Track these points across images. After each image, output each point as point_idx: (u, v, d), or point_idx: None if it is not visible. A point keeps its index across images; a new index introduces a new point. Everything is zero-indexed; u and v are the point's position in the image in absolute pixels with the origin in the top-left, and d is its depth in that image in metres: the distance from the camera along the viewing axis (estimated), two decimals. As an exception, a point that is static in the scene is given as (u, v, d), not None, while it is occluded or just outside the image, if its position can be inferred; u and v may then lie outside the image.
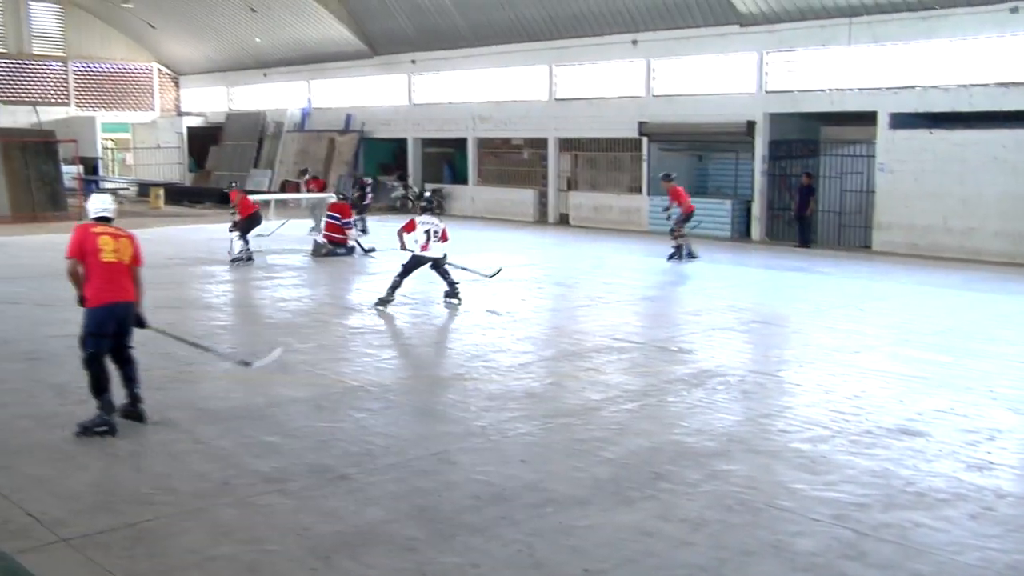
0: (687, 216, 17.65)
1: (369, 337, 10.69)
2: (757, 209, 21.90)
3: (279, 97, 35.09)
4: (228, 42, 35.59)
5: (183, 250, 18.45)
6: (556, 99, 26.03)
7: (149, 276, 7.13)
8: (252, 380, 8.55)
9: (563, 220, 25.96)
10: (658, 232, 21.84)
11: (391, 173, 30.91)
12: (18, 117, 35.25)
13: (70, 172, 28.61)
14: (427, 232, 12.54)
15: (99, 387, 6.90)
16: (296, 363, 9.29)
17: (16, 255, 16.63)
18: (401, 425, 7.29)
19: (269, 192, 30.22)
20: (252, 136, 34.79)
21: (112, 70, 39.05)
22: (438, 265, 12.70)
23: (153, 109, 40.08)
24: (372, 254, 17.68)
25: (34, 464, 6.27)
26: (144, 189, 33.22)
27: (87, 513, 5.42)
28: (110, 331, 6.90)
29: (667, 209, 18.18)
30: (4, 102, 35.88)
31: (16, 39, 36.42)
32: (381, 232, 19.96)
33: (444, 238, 12.67)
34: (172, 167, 36.50)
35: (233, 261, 16.40)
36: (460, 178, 29.65)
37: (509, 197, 27.34)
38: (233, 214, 17.01)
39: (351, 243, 17.84)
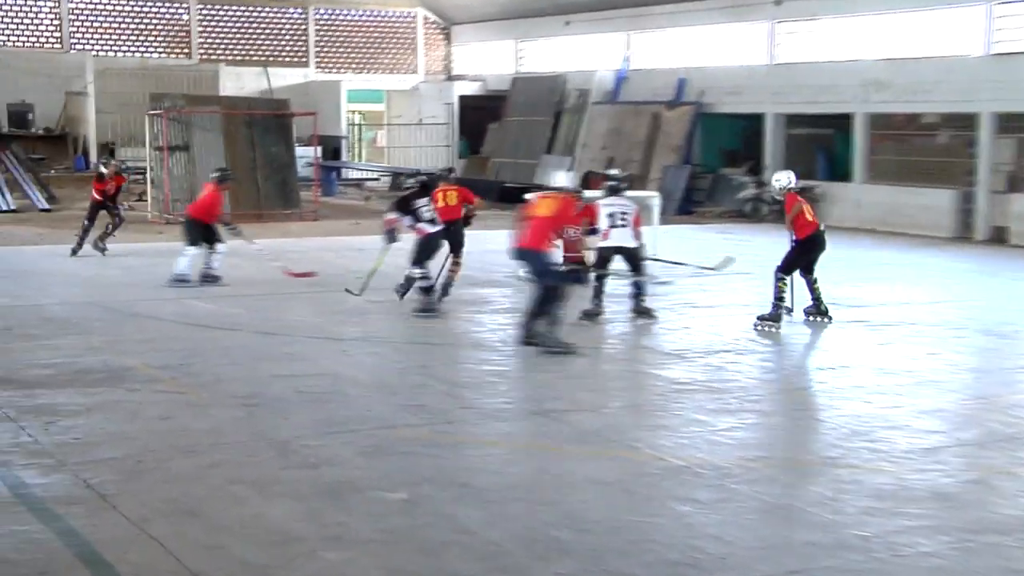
0: None
1: (700, 396, 10.78)
2: None
3: (585, 55, 36.13)
4: (518, -23, 37.24)
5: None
6: (992, 53, 24.98)
7: (392, 297, 7.47)
8: (536, 449, 8.88)
9: (998, 236, 24.83)
10: None
11: (738, 164, 30.96)
12: (245, 82, 38.57)
13: (306, 156, 30.99)
14: (611, 216, 14.26)
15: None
16: (597, 429, 9.58)
17: (236, 264, 18.30)
18: (743, 527, 7.29)
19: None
20: (546, 109, 36.00)
21: (364, 18, 41.76)
22: (632, 258, 14.43)
23: (415, 71, 42.41)
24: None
25: (248, 547, 6.84)
26: (399, 181, 35.05)
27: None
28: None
29: None
30: (229, 61, 39.33)
31: (246, -21, 39.90)
32: (713, 247, 20.03)
33: (637, 224, 14.44)
34: (437, 151, 38.45)
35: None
36: (840, 172, 29.13)
37: (914, 201, 26.52)
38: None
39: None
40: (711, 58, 31.89)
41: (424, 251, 14.89)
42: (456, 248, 15.84)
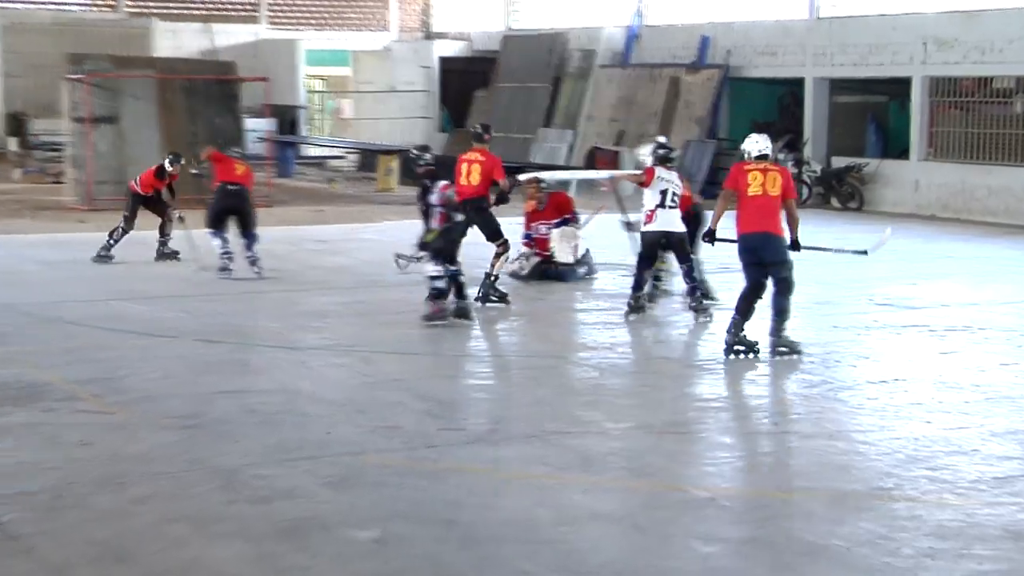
0: None
1: (727, 415, 10.81)
2: None
3: (590, 8, 36.16)
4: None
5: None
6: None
7: (360, 298, 7.52)
8: (532, 478, 8.88)
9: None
10: None
11: (773, 138, 30.89)
12: (183, 40, 38.57)
13: (257, 129, 30.96)
14: (662, 192, 14.27)
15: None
16: (605, 454, 9.58)
17: (179, 261, 18.29)
18: (778, 571, 7.29)
19: (569, 167, 31.17)
20: (543, 74, 36.05)
21: (326, -36, 41.96)
22: (679, 246, 14.45)
23: (387, 28, 42.39)
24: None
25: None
26: (369, 159, 35.05)
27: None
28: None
29: None
30: (164, 15, 39.28)
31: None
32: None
33: (687, 204, 14.79)
34: (414, 124, 38.43)
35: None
36: (894, 148, 29.16)
37: (984, 182, 26.58)
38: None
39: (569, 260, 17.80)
40: (740, 11, 31.95)
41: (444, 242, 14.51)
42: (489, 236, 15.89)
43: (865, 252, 14.82)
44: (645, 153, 14.99)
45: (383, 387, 11.81)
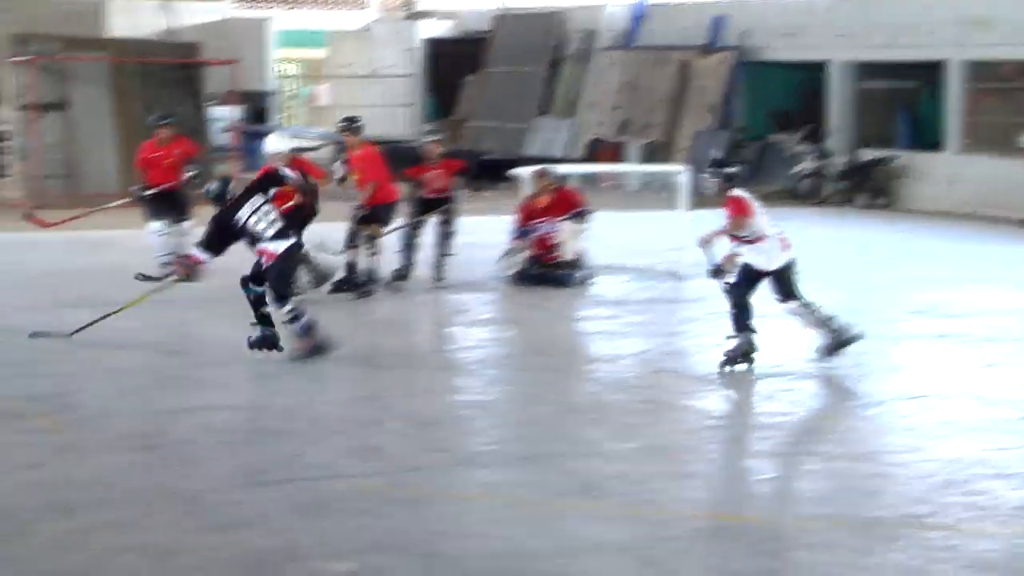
0: None
1: (738, 435, 10.83)
2: None
3: (590, -16, 36.20)
4: None
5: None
6: None
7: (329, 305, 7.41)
8: (527, 505, 8.87)
9: None
10: None
11: (793, 129, 30.97)
12: (140, 20, 38.37)
13: (222, 118, 30.91)
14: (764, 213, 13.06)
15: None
16: (607, 478, 9.56)
17: (132, 264, 18.27)
18: (801, 608, 7.31)
19: (567, 160, 31.12)
20: (540, 57, 36.05)
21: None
22: (782, 278, 12.77)
23: (366, 6, 42.38)
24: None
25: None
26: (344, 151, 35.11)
27: None
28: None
29: None
30: (118, -9, 39.28)
31: None
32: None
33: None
34: (395, 112, 38.43)
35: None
36: (927, 139, 29.20)
37: (1027, 177, 26.60)
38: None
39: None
40: (758, -12, 32.01)
41: None
42: None
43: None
44: (709, 180, 13.83)
45: (359, 404, 11.83)
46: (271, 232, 12.76)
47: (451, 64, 38.44)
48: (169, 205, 17.36)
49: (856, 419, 11.77)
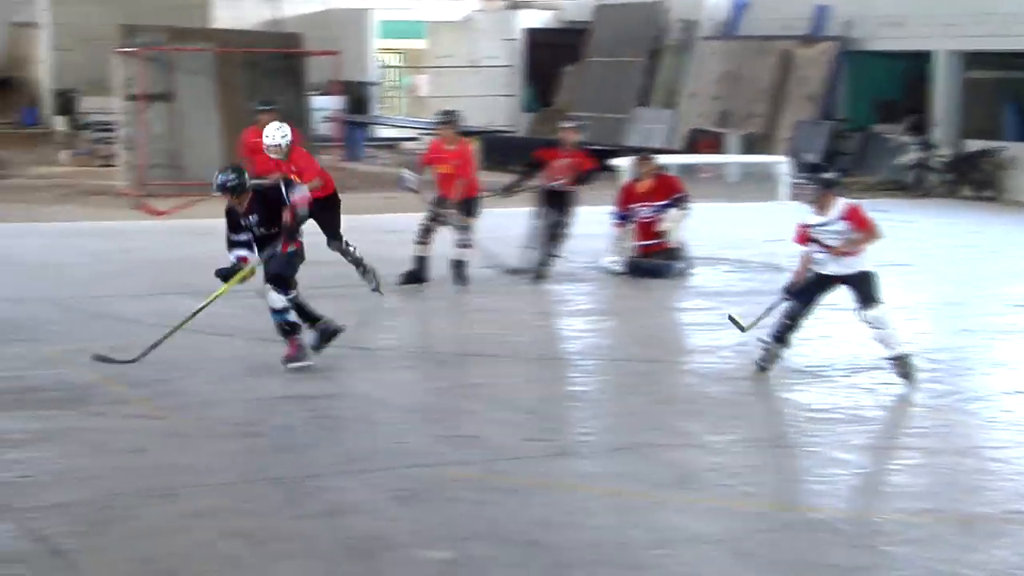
0: None
1: (842, 428, 10.75)
2: None
3: (692, -26, 36.02)
4: None
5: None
6: None
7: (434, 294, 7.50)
8: (625, 496, 8.88)
9: None
10: None
11: (897, 119, 30.72)
12: (244, 11, 38.76)
13: (324, 108, 31.09)
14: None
15: None
16: (705, 470, 9.57)
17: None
18: (901, 604, 7.26)
19: (667, 151, 31.06)
20: (640, 48, 35.96)
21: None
22: (859, 284, 11.95)
23: (467, -3, 42.44)
24: None
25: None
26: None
27: None
28: None
29: None
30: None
31: None
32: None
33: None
34: (495, 102, 38.57)
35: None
36: (1036, 131, 28.87)
37: None
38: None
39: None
40: (862, -22, 31.71)
41: None
42: None
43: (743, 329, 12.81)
44: (804, 187, 12.92)
45: (459, 393, 11.85)
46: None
47: (551, 54, 38.43)
48: None
49: (958, 413, 11.65)
